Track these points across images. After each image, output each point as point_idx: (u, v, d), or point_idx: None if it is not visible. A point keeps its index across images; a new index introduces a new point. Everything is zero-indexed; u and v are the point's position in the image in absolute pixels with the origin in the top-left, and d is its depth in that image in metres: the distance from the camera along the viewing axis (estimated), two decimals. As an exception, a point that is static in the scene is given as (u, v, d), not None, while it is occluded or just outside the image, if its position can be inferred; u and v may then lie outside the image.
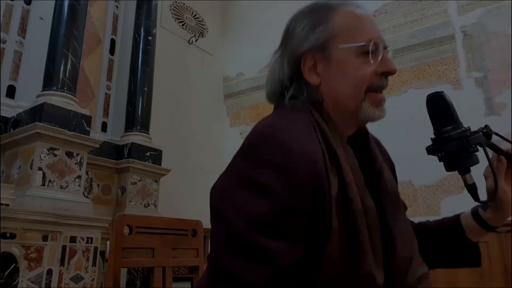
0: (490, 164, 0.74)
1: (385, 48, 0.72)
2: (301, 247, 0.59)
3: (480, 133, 0.72)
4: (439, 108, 0.73)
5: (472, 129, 0.72)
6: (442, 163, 0.73)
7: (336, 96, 0.71)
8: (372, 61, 0.69)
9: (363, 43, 0.69)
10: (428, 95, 0.75)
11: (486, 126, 0.74)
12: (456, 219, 0.82)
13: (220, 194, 0.64)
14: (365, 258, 0.62)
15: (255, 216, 0.58)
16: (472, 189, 0.74)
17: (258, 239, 0.57)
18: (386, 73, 0.71)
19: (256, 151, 0.62)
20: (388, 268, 0.67)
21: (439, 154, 0.73)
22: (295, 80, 0.74)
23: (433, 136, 0.75)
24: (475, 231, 0.80)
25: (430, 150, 0.74)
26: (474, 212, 0.80)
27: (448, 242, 0.81)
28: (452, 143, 0.70)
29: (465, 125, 0.72)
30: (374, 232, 0.65)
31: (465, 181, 0.73)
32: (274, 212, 0.58)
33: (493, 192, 0.74)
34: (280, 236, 0.58)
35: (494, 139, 0.76)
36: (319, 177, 0.60)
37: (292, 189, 0.58)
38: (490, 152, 0.76)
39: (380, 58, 0.70)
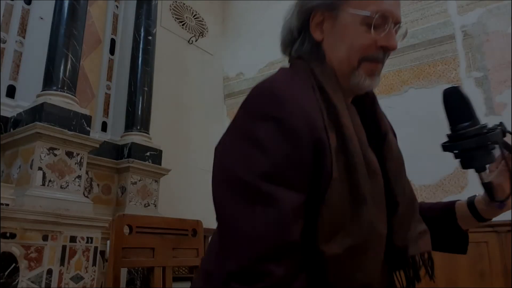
0: (507, 162, 0.73)
1: (396, 24, 0.73)
2: (304, 194, 0.60)
3: (499, 129, 0.70)
4: (456, 104, 0.72)
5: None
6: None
7: (332, 57, 0.73)
8: (372, 33, 0.70)
9: (368, 14, 0.69)
10: (444, 90, 0.73)
11: (501, 123, 0.72)
12: (450, 205, 0.83)
13: (223, 148, 0.66)
14: (366, 208, 0.63)
15: (257, 166, 0.59)
16: (488, 187, 0.73)
17: (261, 186, 0.58)
18: (385, 48, 0.71)
19: (255, 105, 0.64)
20: (390, 223, 0.68)
21: (456, 151, 0.72)
22: (302, 33, 0.76)
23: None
24: (466, 220, 0.80)
25: (446, 147, 0.73)
26: (470, 202, 0.80)
27: (438, 225, 0.82)
28: (471, 140, 0.69)
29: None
30: (376, 186, 0.66)
31: (481, 179, 0.73)
32: (275, 162, 0.59)
33: (501, 189, 0.73)
34: (282, 184, 0.59)
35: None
36: (317, 129, 0.62)
37: (291, 140, 0.60)
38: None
39: (385, 32, 0.70)
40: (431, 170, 2.75)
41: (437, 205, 0.86)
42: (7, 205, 1.96)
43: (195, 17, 4.17)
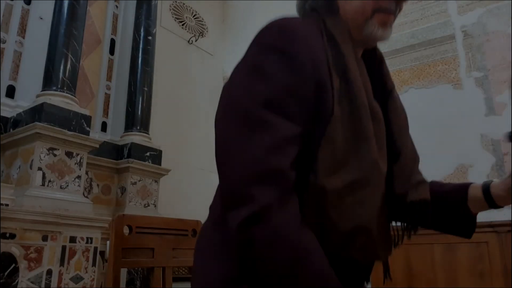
0: None
1: None
2: (301, 127, 0.62)
3: None
4: None
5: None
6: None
7: (346, 8, 0.74)
8: None
9: None
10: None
11: None
12: (464, 185, 0.82)
13: (230, 82, 0.68)
14: (368, 146, 0.65)
15: (258, 94, 0.61)
16: None
17: (260, 113, 0.60)
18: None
19: (265, 38, 0.66)
20: (392, 171, 0.71)
21: None
22: None
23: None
24: (478, 203, 0.79)
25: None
26: (485, 186, 0.79)
27: (447, 203, 0.81)
28: None
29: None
30: (379, 131, 0.68)
31: None
32: (276, 92, 0.61)
33: None
34: (280, 113, 0.61)
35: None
36: (319, 70, 0.64)
37: (295, 73, 0.62)
38: None
39: None
40: (431, 170, 2.74)
41: (450, 184, 0.86)
42: (7, 205, 1.95)
43: (195, 17, 4.16)
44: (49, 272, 1.99)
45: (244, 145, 0.60)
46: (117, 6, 3.36)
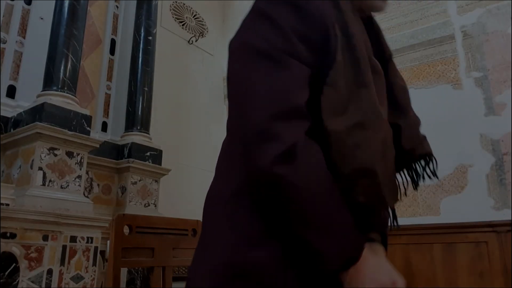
0: None
1: None
2: (309, 69, 0.64)
3: None
4: None
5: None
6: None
7: None
8: None
9: None
10: None
11: None
12: None
13: (239, 31, 0.72)
14: (368, 91, 0.66)
15: (271, 37, 0.64)
16: None
17: (274, 53, 0.63)
18: None
19: None
20: (399, 127, 0.75)
21: None
22: None
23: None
24: None
25: None
26: None
27: None
28: None
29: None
30: (379, 84, 0.70)
31: None
32: (288, 35, 0.63)
33: None
34: (293, 56, 0.63)
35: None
36: (326, 21, 0.66)
37: (304, 21, 0.64)
38: None
39: None
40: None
41: None
42: (7, 205, 1.96)
43: (195, 17, 4.17)
44: (50, 272, 2.00)
45: (265, 84, 0.61)
46: (117, 7, 3.36)
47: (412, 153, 0.77)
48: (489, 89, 2.79)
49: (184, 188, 3.46)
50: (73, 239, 2.11)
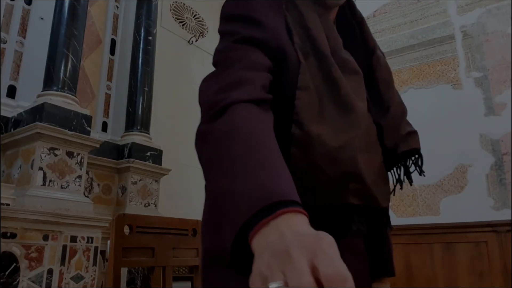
0: None
1: None
2: (271, 64, 0.65)
3: None
4: None
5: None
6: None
7: None
8: None
9: None
10: None
11: None
12: None
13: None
14: (339, 85, 0.66)
15: (235, 30, 0.68)
16: None
17: (235, 46, 0.67)
18: None
19: (224, 12, 0.75)
20: (381, 127, 0.75)
21: None
22: None
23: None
24: None
25: None
26: None
27: None
28: None
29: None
30: (356, 83, 0.70)
31: None
32: (246, 36, 0.66)
33: None
34: (253, 45, 0.66)
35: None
36: (279, 28, 0.68)
37: (257, 30, 0.66)
38: None
39: None
40: (430, 170, 2.75)
41: None
42: (8, 205, 1.96)
43: (195, 17, 4.17)
44: (50, 272, 2.00)
45: (219, 73, 0.64)
46: (117, 7, 3.36)
47: (395, 151, 0.76)
48: (489, 89, 2.79)
49: (184, 188, 3.47)
50: (73, 239, 2.12)
